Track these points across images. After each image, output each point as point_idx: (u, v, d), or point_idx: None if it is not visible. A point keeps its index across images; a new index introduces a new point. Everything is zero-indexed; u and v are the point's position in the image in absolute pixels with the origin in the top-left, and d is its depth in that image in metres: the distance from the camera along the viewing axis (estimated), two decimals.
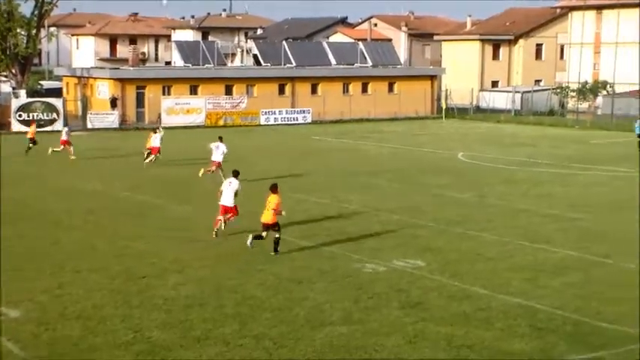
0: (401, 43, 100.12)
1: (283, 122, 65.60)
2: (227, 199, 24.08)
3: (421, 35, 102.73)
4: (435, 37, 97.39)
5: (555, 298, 18.11)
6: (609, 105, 68.43)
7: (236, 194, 24.12)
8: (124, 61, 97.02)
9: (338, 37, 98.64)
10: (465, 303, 17.67)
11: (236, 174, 24.47)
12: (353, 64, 76.12)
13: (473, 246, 23.15)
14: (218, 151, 34.58)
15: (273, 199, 21.62)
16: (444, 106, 72.90)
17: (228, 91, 66.94)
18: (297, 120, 66.64)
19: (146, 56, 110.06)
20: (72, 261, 21.16)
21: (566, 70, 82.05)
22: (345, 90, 71.97)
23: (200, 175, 34.14)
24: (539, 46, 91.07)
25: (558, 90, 77.75)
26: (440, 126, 65.92)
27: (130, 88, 64.12)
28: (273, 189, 21.82)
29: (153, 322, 16.29)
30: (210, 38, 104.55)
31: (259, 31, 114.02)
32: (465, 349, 15.01)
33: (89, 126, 58.78)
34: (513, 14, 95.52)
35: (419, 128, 63.15)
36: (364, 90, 72.76)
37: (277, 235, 21.66)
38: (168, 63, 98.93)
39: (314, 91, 70.58)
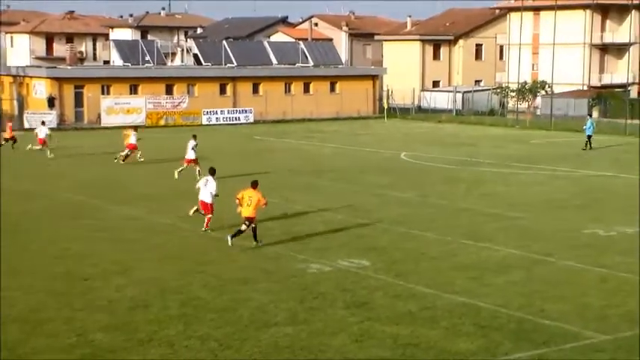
0: (342, 42, 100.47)
1: (225, 122, 65.35)
2: (205, 195, 24.17)
3: (362, 35, 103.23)
4: (376, 37, 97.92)
5: (499, 296, 18.25)
6: (548, 105, 69.49)
7: (215, 195, 24.14)
8: (61, 59, 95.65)
9: (279, 37, 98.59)
10: (410, 302, 17.71)
11: (212, 172, 24.36)
12: (294, 64, 76.06)
13: (417, 245, 23.25)
14: (189, 148, 35.08)
15: (254, 196, 22.03)
16: (385, 106, 73.26)
17: (169, 91, 66.41)
18: (239, 120, 66.43)
19: (84, 55, 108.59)
20: (8, 262, 20.69)
21: (505, 70, 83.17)
22: (287, 90, 71.90)
23: (197, 176, 33.15)
24: (478, 47, 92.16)
25: (498, 90, 78.72)
26: (382, 126, 66.21)
27: (68, 88, 63.21)
28: (254, 185, 22.39)
29: (96, 324, 16.01)
30: (149, 37, 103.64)
31: (199, 31, 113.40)
32: (411, 347, 15.03)
33: (26, 126, 57.69)
34: (453, 15, 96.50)
35: (361, 128, 63.34)
36: (306, 90, 72.75)
37: (253, 225, 22.20)
38: (107, 62, 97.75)
39: (255, 90, 70.37)
